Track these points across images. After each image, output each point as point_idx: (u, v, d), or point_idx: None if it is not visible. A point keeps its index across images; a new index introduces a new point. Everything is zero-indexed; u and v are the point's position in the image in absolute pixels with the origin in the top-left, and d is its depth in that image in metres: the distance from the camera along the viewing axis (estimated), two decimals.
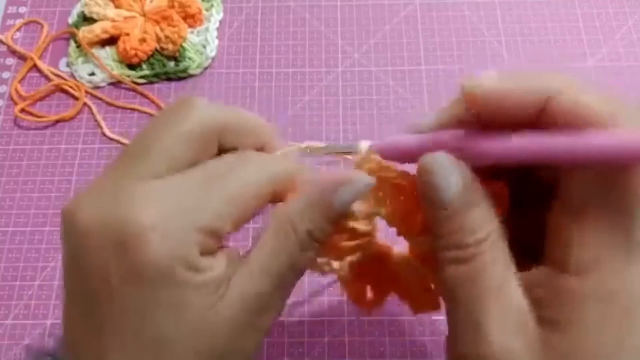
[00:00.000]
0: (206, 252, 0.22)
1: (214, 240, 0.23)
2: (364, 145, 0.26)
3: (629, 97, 0.44)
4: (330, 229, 0.24)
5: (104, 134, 0.44)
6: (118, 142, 0.44)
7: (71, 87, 0.45)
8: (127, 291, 0.21)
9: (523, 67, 0.46)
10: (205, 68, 0.47)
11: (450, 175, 0.21)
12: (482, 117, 0.22)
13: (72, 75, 0.47)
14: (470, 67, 0.46)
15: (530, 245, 0.22)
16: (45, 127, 0.45)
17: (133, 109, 0.45)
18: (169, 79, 0.47)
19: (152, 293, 0.21)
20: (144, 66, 0.47)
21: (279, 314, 0.25)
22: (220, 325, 0.22)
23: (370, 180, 0.24)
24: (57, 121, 0.45)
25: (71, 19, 0.49)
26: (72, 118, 0.45)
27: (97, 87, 0.46)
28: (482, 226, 0.21)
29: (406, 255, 0.29)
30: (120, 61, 0.47)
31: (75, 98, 0.44)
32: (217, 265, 0.23)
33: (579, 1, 0.49)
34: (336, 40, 0.48)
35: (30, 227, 0.41)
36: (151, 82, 0.47)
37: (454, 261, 0.21)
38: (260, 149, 0.26)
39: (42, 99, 0.46)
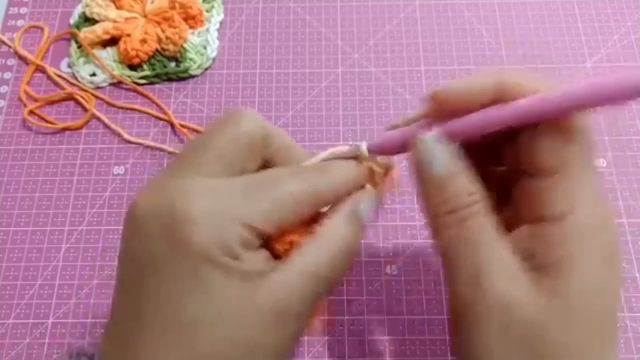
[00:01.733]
0: (247, 247, 0.23)
1: (255, 238, 0.24)
2: (364, 145, 0.27)
3: None
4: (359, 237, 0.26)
5: (122, 138, 0.45)
6: (129, 142, 0.44)
7: (82, 97, 0.45)
8: (170, 272, 0.22)
9: (522, 67, 0.46)
10: (206, 69, 0.47)
11: (435, 149, 0.24)
12: (446, 113, 0.25)
13: (74, 76, 0.47)
14: (469, 68, 0.47)
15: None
16: (46, 128, 0.45)
17: (134, 110, 0.46)
18: (170, 80, 0.47)
19: (192, 275, 0.22)
20: (145, 67, 0.47)
21: (310, 310, 0.25)
22: (255, 317, 0.23)
23: (373, 193, 0.27)
24: (64, 129, 0.45)
25: (72, 20, 0.49)
26: (79, 128, 0.45)
27: (98, 88, 0.47)
28: (470, 191, 0.24)
29: None
30: (121, 62, 0.47)
31: (85, 109, 0.44)
32: (256, 260, 0.24)
33: (578, 2, 0.49)
34: (336, 41, 0.48)
35: (32, 227, 0.42)
36: (152, 83, 0.47)
37: (449, 225, 0.24)
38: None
39: (51, 103, 0.46)
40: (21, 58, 0.48)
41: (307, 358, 0.37)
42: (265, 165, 0.27)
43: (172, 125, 0.45)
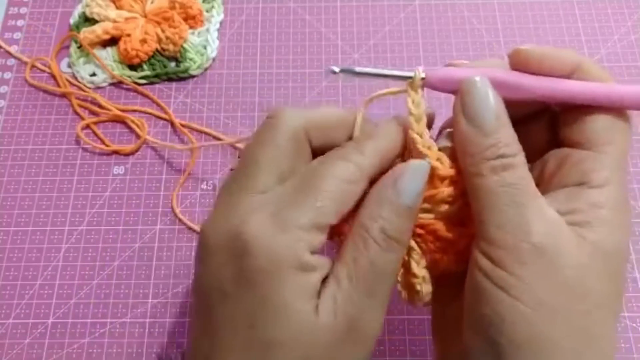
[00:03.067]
0: (315, 249, 0.24)
1: (319, 235, 0.24)
2: (419, 71, 0.27)
3: None
4: (404, 224, 0.25)
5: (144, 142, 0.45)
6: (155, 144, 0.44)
7: (136, 124, 0.44)
8: (239, 295, 0.24)
9: None
10: (206, 69, 0.47)
11: (490, 95, 0.25)
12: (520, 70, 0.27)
13: (74, 76, 0.47)
14: None
15: None
16: (47, 128, 0.45)
17: (134, 110, 0.46)
18: (170, 80, 0.47)
19: (260, 297, 0.23)
20: (145, 67, 0.47)
21: (377, 327, 0.25)
22: (320, 331, 0.24)
23: (427, 162, 0.26)
24: (115, 152, 0.44)
25: (72, 20, 0.49)
26: (130, 154, 0.44)
27: (98, 88, 0.47)
28: (515, 142, 0.25)
29: None
30: (121, 62, 0.47)
31: (138, 136, 0.44)
32: (325, 262, 0.25)
33: (578, 2, 0.49)
34: (336, 41, 0.48)
35: (32, 227, 0.42)
36: (152, 83, 0.47)
37: (496, 169, 0.24)
38: (351, 137, 0.28)
39: (101, 122, 0.45)
40: (19, 58, 0.48)
41: None
42: (323, 149, 0.27)
43: (173, 125, 0.45)
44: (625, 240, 0.25)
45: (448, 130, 0.28)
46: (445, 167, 0.26)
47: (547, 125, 0.29)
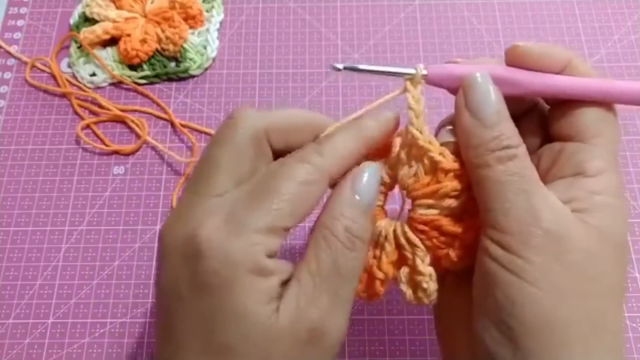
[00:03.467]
0: (272, 253, 0.24)
1: (276, 238, 0.24)
2: (420, 68, 0.28)
3: None
4: (366, 224, 0.26)
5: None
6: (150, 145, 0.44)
7: (136, 124, 0.44)
8: (194, 299, 0.23)
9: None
10: (206, 69, 0.47)
11: (492, 91, 0.26)
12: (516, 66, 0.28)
13: (74, 76, 0.47)
14: None
15: None
16: (47, 128, 0.45)
17: (134, 110, 0.46)
18: (170, 80, 0.47)
19: (216, 301, 0.23)
20: (145, 67, 0.47)
21: (340, 331, 0.25)
22: (280, 335, 0.23)
23: (377, 164, 0.27)
24: (115, 152, 0.44)
25: (72, 20, 0.49)
26: (130, 154, 0.44)
27: (98, 88, 0.47)
28: (517, 134, 0.26)
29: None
30: (121, 62, 0.47)
31: (138, 136, 0.44)
32: (285, 265, 0.25)
33: (578, 2, 0.49)
34: (336, 41, 0.48)
35: (32, 227, 0.42)
36: (152, 83, 0.47)
37: (502, 159, 0.25)
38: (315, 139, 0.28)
39: (101, 122, 0.45)
40: (18, 58, 0.48)
41: None
42: (286, 152, 0.27)
43: (173, 125, 0.45)
44: (625, 225, 0.26)
45: (449, 127, 0.28)
46: (448, 161, 0.27)
47: (538, 123, 0.30)
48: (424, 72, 0.27)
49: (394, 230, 0.28)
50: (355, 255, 0.25)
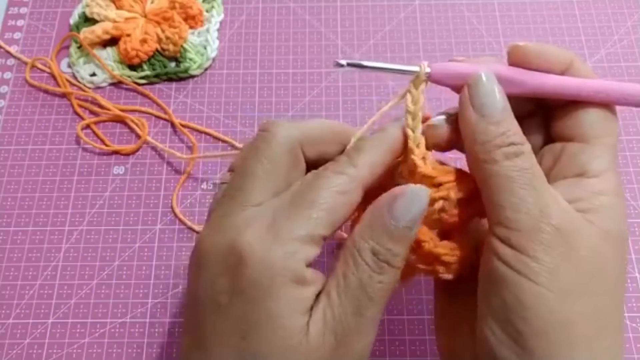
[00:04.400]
0: (310, 262, 0.24)
1: (314, 247, 0.25)
2: (424, 66, 0.28)
3: None
4: (397, 248, 0.25)
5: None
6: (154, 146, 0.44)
7: (136, 124, 0.44)
8: (232, 306, 0.24)
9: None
10: (206, 69, 0.47)
11: (497, 88, 0.26)
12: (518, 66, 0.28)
13: (74, 76, 0.47)
14: None
15: None
16: (47, 128, 0.45)
17: (134, 110, 0.46)
18: (170, 80, 0.47)
19: (254, 308, 0.23)
20: (145, 67, 0.47)
21: (366, 348, 0.25)
22: (308, 350, 0.23)
23: (426, 191, 0.25)
24: (115, 152, 0.44)
25: (72, 20, 0.49)
26: (130, 153, 0.44)
27: (98, 88, 0.47)
28: (521, 132, 0.26)
29: None
30: (121, 62, 0.47)
31: (138, 136, 0.44)
32: (320, 277, 0.25)
33: (578, 2, 0.49)
34: (336, 41, 0.48)
35: (32, 227, 0.42)
36: (152, 83, 0.47)
37: (509, 155, 0.25)
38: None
39: (101, 122, 0.45)
40: (19, 58, 0.48)
41: None
42: (317, 162, 0.28)
43: (173, 125, 0.45)
44: (625, 224, 0.26)
45: (443, 115, 0.28)
46: (426, 166, 0.27)
47: (539, 124, 0.30)
48: (428, 69, 0.27)
49: None
50: (382, 278, 0.25)
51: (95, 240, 0.41)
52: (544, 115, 0.30)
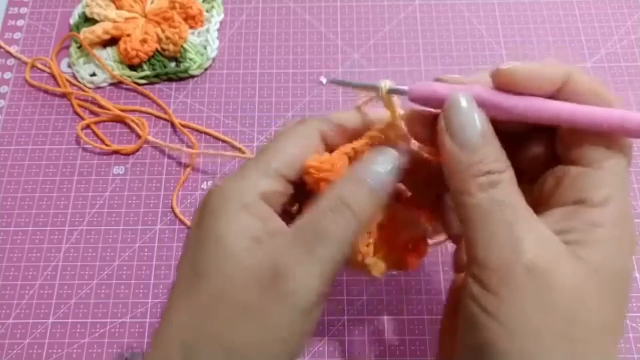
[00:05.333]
0: (266, 195, 0.26)
1: (268, 180, 0.26)
2: (386, 84, 0.28)
3: (627, 97, 0.45)
4: (364, 199, 0.25)
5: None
6: (157, 145, 0.44)
7: (136, 123, 0.44)
8: (191, 235, 0.26)
9: None
10: (206, 69, 0.47)
11: (475, 113, 0.25)
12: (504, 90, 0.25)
13: (74, 76, 0.47)
14: (469, 68, 0.47)
15: None
16: (47, 128, 0.45)
17: (134, 110, 0.46)
18: (170, 80, 0.47)
19: (204, 230, 0.25)
20: (145, 67, 0.47)
21: (310, 289, 0.24)
22: (246, 268, 0.24)
23: (395, 152, 0.27)
24: (115, 152, 0.44)
25: (72, 20, 0.49)
26: (130, 153, 0.44)
27: (98, 88, 0.47)
28: (503, 158, 0.24)
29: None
30: (121, 62, 0.47)
31: (138, 136, 0.44)
32: (278, 220, 0.26)
33: (578, 2, 0.49)
34: (336, 41, 0.48)
35: (32, 227, 0.42)
36: (152, 83, 0.47)
37: (483, 186, 0.23)
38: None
39: (101, 122, 0.45)
40: (19, 58, 0.48)
41: (307, 358, 0.37)
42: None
43: (173, 125, 0.45)
44: (627, 260, 0.24)
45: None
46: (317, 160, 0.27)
47: (547, 141, 0.27)
48: (387, 88, 0.27)
49: None
50: (338, 219, 0.24)
51: (95, 240, 0.41)
52: (551, 131, 0.27)
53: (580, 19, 0.49)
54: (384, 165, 0.26)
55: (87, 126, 0.45)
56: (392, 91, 0.27)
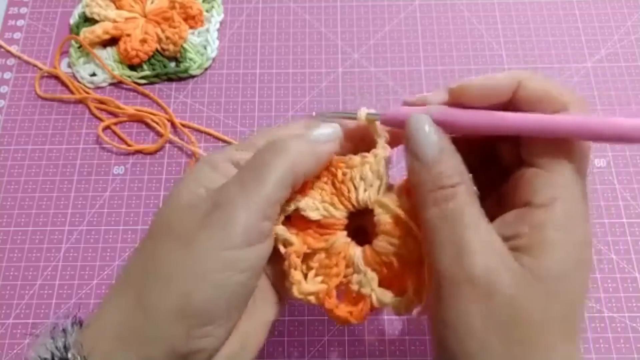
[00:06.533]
0: (231, 159, 0.28)
1: (239, 150, 0.28)
2: (363, 111, 0.29)
3: (627, 97, 0.45)
4: (300, 143, 0.27)
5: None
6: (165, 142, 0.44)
7: (156, 122, 0.45)
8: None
9: (522, 67, 0.46)
10: (206, 69, 0.47)
11: (431, 132, 0.26)
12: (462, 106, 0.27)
13: (74, 76, 0.47)
14: (469, 68, 0.47)
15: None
16: (47, 128, 0.45)
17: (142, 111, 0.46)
18: (170, 80, 0.47)
19: (175, 187, 0.28)
20: (145, 67, 0.47)
21: (243, 219, 0.25)
22: (192, 202, 0.27)
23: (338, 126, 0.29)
24: (138, 151, 0.44)
25: (72, 20, 0.49)
26: (153, 152, 0.44)
27: (98, 88, 0.47)
28: (458, 173, 0.25)
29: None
30: (121, 62, 0.47)
31: (160, 134, 0.44)
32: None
33: (578, 2, 0.49)
34: (336, 41, 0.48)
35: (32, 227, 0.42)
36: (152, 83, 0.47)
37: (437, 201, 0.25)
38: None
39: (121, 122, 0.45)
40: (19, 57, 0.48)
41: (307, 358, 0.37)
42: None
43: (173, 125, 0.45)
44: (574, 260, 0.24)
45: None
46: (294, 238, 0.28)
47: (516, 145, 0.28)
48: (364, 115, 0.29)
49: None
50: (276, 161, 0.26)
51: (95, 240, 0.41)
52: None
53: (580, 19, 0.49)
54: (326, 128, 0.28)
55: (107, 127, 0.45)
56: (369, 116, 0.29)
